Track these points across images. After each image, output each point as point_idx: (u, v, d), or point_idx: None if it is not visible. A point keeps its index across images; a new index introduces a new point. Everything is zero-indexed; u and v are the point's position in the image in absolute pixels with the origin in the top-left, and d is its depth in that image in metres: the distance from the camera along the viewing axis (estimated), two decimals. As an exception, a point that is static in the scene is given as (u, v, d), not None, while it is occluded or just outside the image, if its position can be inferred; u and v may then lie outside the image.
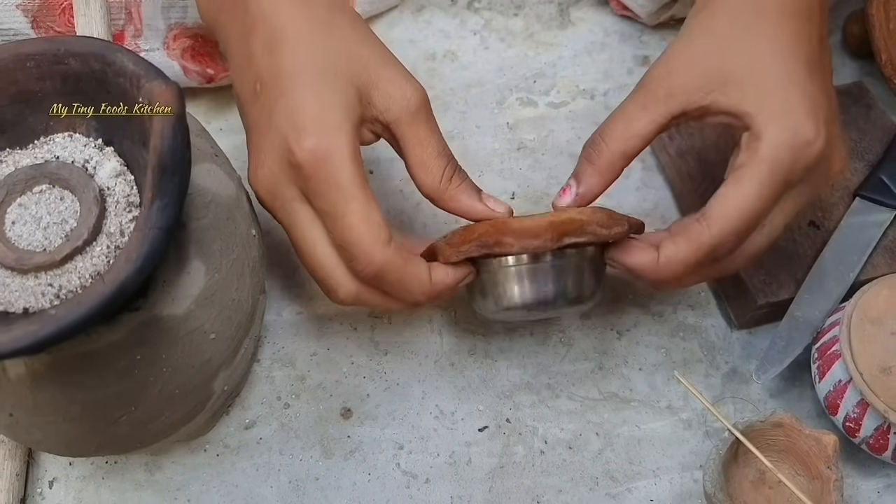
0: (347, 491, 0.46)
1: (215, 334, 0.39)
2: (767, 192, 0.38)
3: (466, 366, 0.50)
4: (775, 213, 0.40)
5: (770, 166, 0.38)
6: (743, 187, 0.38)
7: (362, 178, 0.38)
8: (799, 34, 0.40)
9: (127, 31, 0.54)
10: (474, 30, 0.63)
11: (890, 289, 0.44)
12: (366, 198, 0.38)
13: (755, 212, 0.38)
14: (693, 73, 0.40)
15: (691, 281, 0.43)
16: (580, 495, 0.46)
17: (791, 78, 0.39)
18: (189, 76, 0.56)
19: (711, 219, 0.39)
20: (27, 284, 0.34)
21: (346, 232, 0.38)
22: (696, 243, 0.39)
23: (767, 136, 0.38)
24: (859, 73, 0.62)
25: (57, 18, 0.52)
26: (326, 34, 0.39)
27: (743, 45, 0.40)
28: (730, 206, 0.38)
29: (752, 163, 0.38)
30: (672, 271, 0.40)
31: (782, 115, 0.38)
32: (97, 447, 0.40)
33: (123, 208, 0.36)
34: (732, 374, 0.50)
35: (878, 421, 0.43)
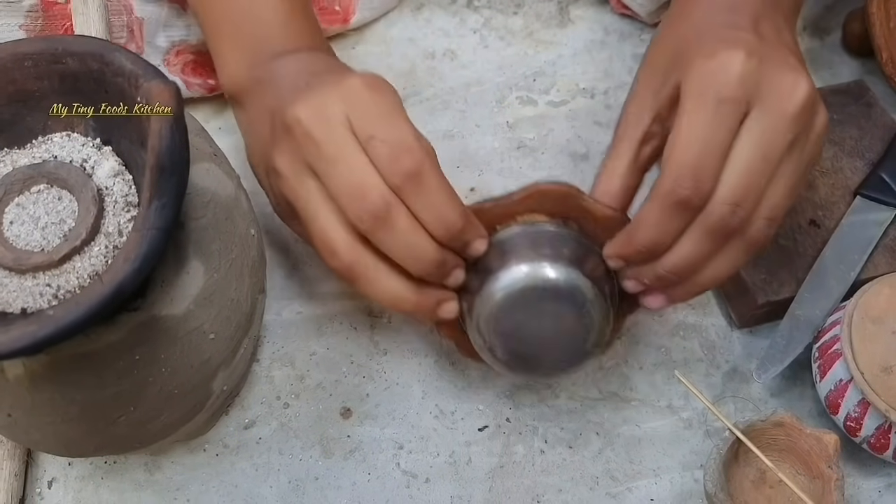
0: (347, 491, 0.46)
1: (214, 334, 0.39)
2: (699, 117, 0.37)
3: (467, 365, 0.50)
4: (741, 141, 0.37)
5: (692, 95, 0.37)
6: (676, 125, 0.37)
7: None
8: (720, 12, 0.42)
9: (128, 48, 0.54)
10: (474, 28, 0.63)
11: (891, 288, 0.44)
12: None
13: (694, 140, 0.37)
14: (640, 95, 0.42)
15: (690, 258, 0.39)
16: (580, 495, 0.46)
17: (707, 35, 0.40)
18: (191, 89, 0.57)
19: (662, 165, 0.38)
20: (25, 285, 0.34)
21: (395, 128, 0.38)
22: (655, 191, 0.38)
23: (687, 76, 0.38)
24: (860, 72, 0.62)
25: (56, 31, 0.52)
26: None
27: (687, 32, 0.42)
28: (671, 145, 0.37)
29: (680, 103, 0.38)
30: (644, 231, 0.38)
31: (697, 55, 0.38)
32: (96, 447, 0.40)
33: (122, 208, 0.36)
34: (733, 374, 0.50)
35: (879, 420, 0.43)
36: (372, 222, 0.38)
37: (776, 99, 0.37)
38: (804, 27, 0.64)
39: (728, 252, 0.39)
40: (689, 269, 0.39)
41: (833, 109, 0.56)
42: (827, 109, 0.55)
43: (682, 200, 0.37)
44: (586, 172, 0.57)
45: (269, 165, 0.42)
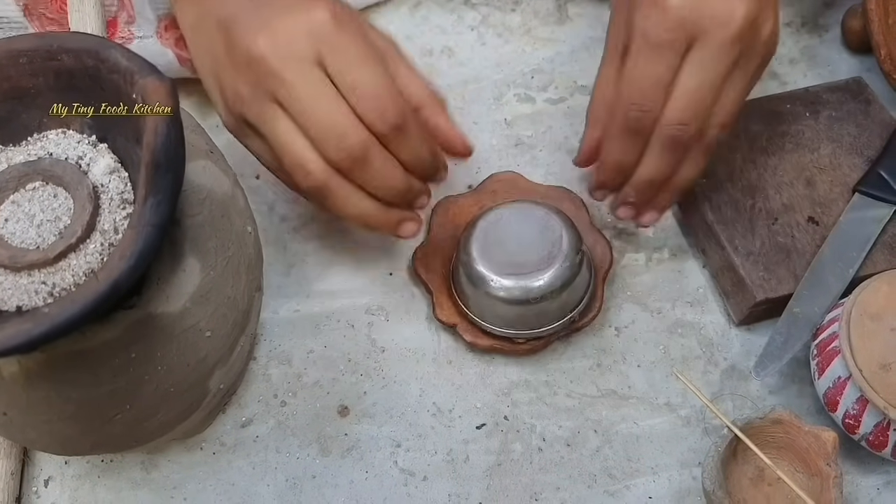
0: (345, 489, 0.46)
1: (211, 332, 0.39)
2: (639, 59, 0.42)
3: (464, 363, 0.50)
4: (682, 74, 0.42)
5: (636, 36, 0.42)
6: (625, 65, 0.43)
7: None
8: None
9: (120, 17, 0.53)
10: (471, 25, 0.63)
11: (889, 285, 0.44)
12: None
13: (636, 78, 0.42)
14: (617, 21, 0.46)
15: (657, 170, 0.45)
16: (578, 493, 0.46)
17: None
18: (183, 64, 0.56)
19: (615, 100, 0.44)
20: (20, 282, 0.34)
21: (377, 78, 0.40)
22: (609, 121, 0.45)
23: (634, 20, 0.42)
24: (858, 69, 0.61)
25: (49, 5, 0.51)
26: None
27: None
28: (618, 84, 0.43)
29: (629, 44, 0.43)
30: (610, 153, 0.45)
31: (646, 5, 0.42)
32: (92, 446, 0.39)
33: (117, 205, 0.35)
34: (731, 371, 0.50)
35: (877, 417, 0.43)
36: (349, 163, 0.40)
37: (714, 29, 0.41)
38: (803, 24, 0.64)
39: (690, 158, 0.45)
40: (659, 178, 0.46)
41: (831, 107, 0.56)
42: (825, 106, 0.56)
43: (632, 125, 0.43)
44: (584, 169, 0.57)
45: (226, 86, 0.42)
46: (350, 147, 0.40)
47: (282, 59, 0.39)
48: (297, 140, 0.41)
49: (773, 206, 0.51)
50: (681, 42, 0.41)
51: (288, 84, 0.39)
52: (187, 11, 0.46)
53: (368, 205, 0.43)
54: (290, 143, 0.41)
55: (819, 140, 0.54)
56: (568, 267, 0.46)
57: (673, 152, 0.44)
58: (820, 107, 0.56)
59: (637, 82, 0.42)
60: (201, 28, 0.45)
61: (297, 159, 0.41)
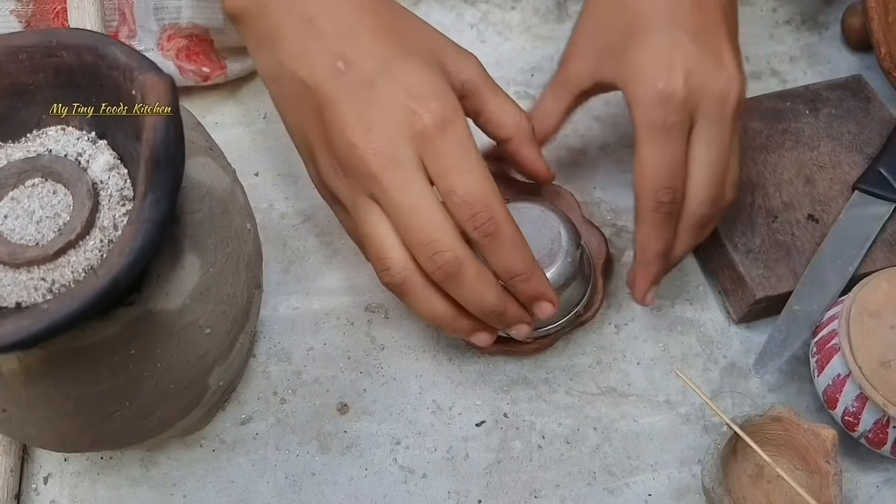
0: (344, 486, 0.46)
1: (210, 329, 0.39)
2: (655, 145, 0.42)
3: (464, 361, 0.50)
4: (696, 151, 0.43)
5: (643, 126, 0.42)
6: (638, 153, 0.43)
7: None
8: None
9: (121, 31, 0.54)
10: (471, 23, 0.63)
11: (889, 282, 0.44)
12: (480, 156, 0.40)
13: (657, 164, 0.43)
14: (581, 56, 0.47)
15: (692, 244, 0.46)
16: (578, 490, 0.46)
17: (645, 38, 0.43)
18: (185, 76, 0.56)
19: (637, 191, 0.44)
20: (20, 279, 0.34)
21: (475, 184, 0.39)
22: (641, 215, 0.44)
23: (633, 100, 0.43)
24: (858, 66, 0.61)
25: (51, 23, 0.51)
26: (390, 13, 0.42)
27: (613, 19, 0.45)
28: (640, 173, 0.43)
29: (636, 130, 0.43)
30: (651, 249, 0.45)
31: (640, 77, 0.43)
32: (91, 443, 0.39)
33: (117, 202, 0.35)
34: (731, 369, 0.50)
35: (877, 415, 0.43)
36: (442, 275, 0.39)
37: (716, 106, 0.42)
38: (803, 21, 0.64)
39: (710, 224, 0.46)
40: (688, 253, 0.47)
41: (831, 104, 0.56)
42: (825, 104, 0.56)
43: (666, 211, 0.43)
44: (582, 166, 0.57)
45: (321, 164, 0.41)
46: (445, 262, 0.39)
47: (382, 164, 0.38)
48: (386, 236, 0.40)
49: (773, 203, 0.51)
50: (686, 122, 0.42)
51: (386, 188, 0.38)
52: (266, 59, 0.43)
53: (445, 309, 0.41)
54: (376, 236, 0.40)
55: (819, 138, 0.54)
56: (570, 263, 0.46)
57: (704, 227, 0.45)
58: (820, 104, 0.56)
59: (660, 167, 0.42)
60: (283, 84, 0.42)
61: (380, 253, 0.40)
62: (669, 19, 0.43)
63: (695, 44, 0.42)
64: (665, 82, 0.42)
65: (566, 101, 0.48)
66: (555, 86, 0.49)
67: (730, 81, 0.43)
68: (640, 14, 0.43)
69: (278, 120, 0.45)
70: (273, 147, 0.57)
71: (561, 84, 0.48)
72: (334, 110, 0.39)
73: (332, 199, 0.44)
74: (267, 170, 0.56)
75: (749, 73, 0.61)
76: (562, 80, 0.48)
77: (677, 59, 0.42)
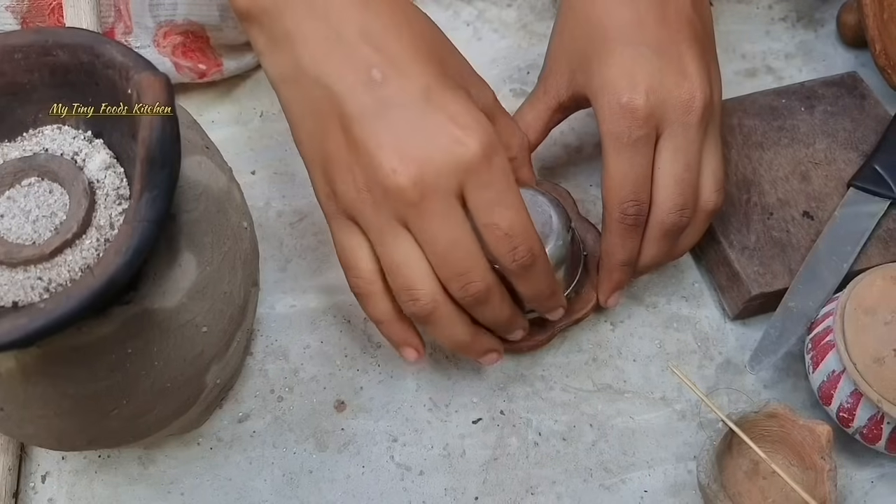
0: (341, 483, 0.46)
1: (207, 327, 0.39)
2: (622, 154, 0.43)
3: (460, 358, 0.50)
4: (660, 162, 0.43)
5: (609, 139, 0.43)
6: (605, 166, 0.44)
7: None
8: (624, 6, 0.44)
9: (117, 28, 0.53)
10: (467, 21, 0.63)
11: (883, 279, 0.44)
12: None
13: (625, 172, 0.43)
14: (556, 70, 0.48)
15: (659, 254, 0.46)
16: (574, 487, 0.46)
17: (609, 52, 0.44)
18: (181, 72, 0.56)
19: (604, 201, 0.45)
20: (16, 278, 0.34)
21: (518, 219, 0.39)
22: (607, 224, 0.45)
23: (599, 114, 0.44)
24: (853, 64, 0.62)
25: (46, 19, 0.51)
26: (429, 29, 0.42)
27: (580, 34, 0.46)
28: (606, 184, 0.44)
29: (602, 142, 0.44)
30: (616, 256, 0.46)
31: (604, 91, 0.43)
32: (89, 441, 0.40)
33: (113, 201, 0.35)
34: (726, 365, 0.50)
35: (871, 411, 0.43)
36: (471, 301, 0.40)
37: (680, 116, 0.43)
38: (798, 18, 0.64)
39: (694, 228, 0.46)
40: (660, 262, 0.47)
41: (827, 101, 0.56)
42: (821, 101, 0.56)
43: (630, 223, 0.44)
44: (579, 164, 0.57)
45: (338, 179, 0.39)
46: (476, 292, 0.40)
47: (424, 193, 0.37)
48: (418, 266, 0.39)
49: (769, 200, 0.52)
50: (652, 135, 0.43)
51: (426, 219, 0.38)
52: (279, 61, 0.40)
53: (467, 333, 0.43)
54: (408, 265, 0.39)
55: (814, 135, 0.54)
56: (560, 245, 0.46)
57: (673, 236, 0.45)
58: (815, 101, 0.56)
59: (625, 180, 0.43)
60: (297, 87, 0.40)
61: (410, 283, 0.39)
62: (633, 34, 0.43)
63: (657, 57, 0.43)
64: (628, 97, 0.42)
65: (545, 114, 0.49)
66: (534, 100, 0.49)
67: (692, 90, 0.43)
68: (604, 29, 0.44)
69: (275, 119, 0.45)
70: (270, 146, 0.57)
71: (540, 98, 0.49)
72: (368, 127, 0.37)
73: (341, 216, 0.41)
74: (263, 168, 0.56)
75: (744, 71, 0.61)
76: (541, 93, 0.49)
77: (640, 74, 0.42)
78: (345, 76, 0.38)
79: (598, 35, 0.44)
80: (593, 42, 0.44)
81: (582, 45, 0.45)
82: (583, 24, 0.45)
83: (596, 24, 0.44)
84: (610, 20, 0.44)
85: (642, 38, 0.43)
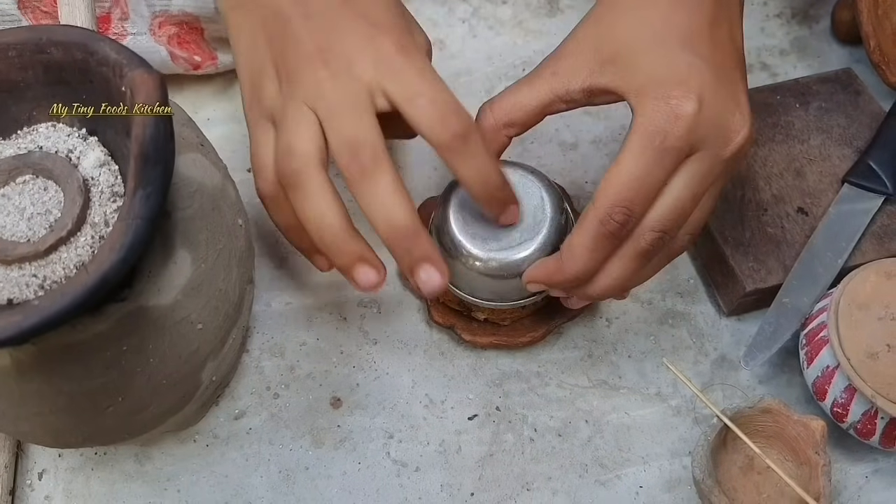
0: (338, 480, 0.46)
1: (202, 324, 0.39)
2: (644, 160, 0.38)
3: (456, 355, 0.50)
4: (676, 182, 0.39)
5: (642, 138, 0.39)
6: (621, 160, 0.39)
7: None
8: (679, 11, 0.41)
9: (113, 13, 0.53)
10: (463, 18, 0.63)
11: (877, 274, 0.44)
12: None
13: (637, 180, 0.39)
14: (577, 56, 0.43)
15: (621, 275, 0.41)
16: (570, 482, 0.46)
17: (662, 55, 0.40)
18: (176, 62, 0.56)
19: (597, 195, 0.39)
20: (11, 275, 0.34)
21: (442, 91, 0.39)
22: (585, 221, 0.40)
23: (639, 112, 0.39)
24: (848, 60, 0.62)
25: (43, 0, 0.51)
26: None
27: (623, 27, 0.42)
28: (611, 179, 0.39)
29: (628, 137, 0.39)
30: (576, 260, 0.40)
31: (651, 91, 0.39)
32: (85, 438, 0.40)
33: (108, 198, 0.35)
34: (721, 361, 0.50)
35: (865, 406, 0.43)
36: (356, 172, 0.37)
37: (717, 145, 0.39)
38: (793, 15, 0.64)
39: (652, 263, 0.42)
40: (619, 287, 0.42)
41: (821, 97, 0.56)
42: (815, 97, 0.56)
43: (613, 232, 0.39)
44: (575, 161, 0.57)
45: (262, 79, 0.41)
46: (365, 160, 0.37)
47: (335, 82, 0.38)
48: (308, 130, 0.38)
49: (763, 196, 0.52)
50: (684, 152, 0.39)
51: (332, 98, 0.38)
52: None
53: (336, 214, 0.39)
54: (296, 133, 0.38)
55: (809, 131, 0.54)
56: (555, 231, 0.44)
57: (644, 259, 0.41)
58: (810, 98, 0.56)
59: (632, 182, 0.38)
60: (243, 11, 0.42)
61: (291, 145, 0.38)
62: (688, 41, 0.40)
63: (713, 76, 0.39)
64: (678, 101, 0.38)
65: (547, 97, 0.43)
66: (536, 80, 0.43)
67: (742, 124, 0.40)
68: (657, 28, 0.41)
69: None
70: (265, 143, 0.57)
71: (545, 79, 0.43)
72: (293, 31, 0.40)
73: (263, 120, 0.41)
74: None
75: (739, 67, 0.61)
76: (547, 74, 0.43)
77: (694, 83, 0.39)
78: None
79: (647, 32, 0.41)
80: (640, 37, 0.41)
81: (624, 36, 0.41)
82: (628, 17, 0.42)
83: (645, 20, 0.41)
84: (663, 21, 0.41)
85: (697, 50, 0.40)
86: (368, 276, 0.40)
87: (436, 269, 0.39)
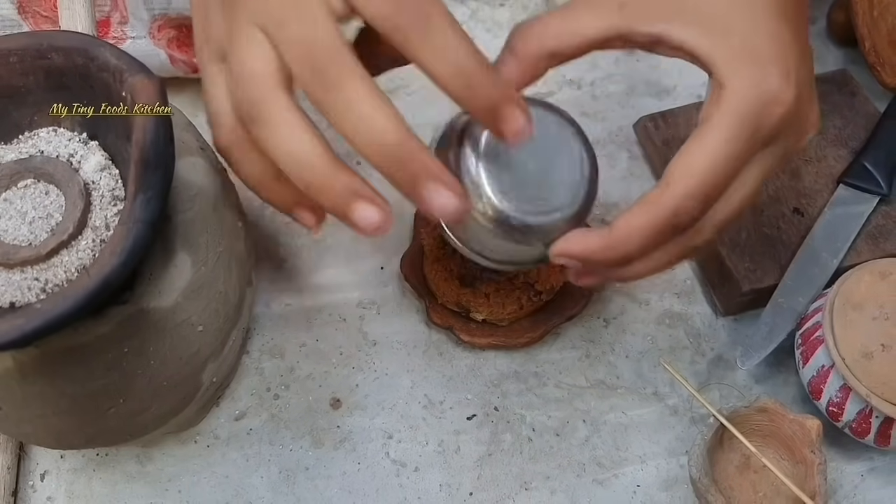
0: (337, 480, 0.47)
1: (203, 326, 0.39)
2: (734, 149, 0.33)
3: (454, 355, 0.50)
4: (745, 175, 0.34)
5: (736, 121, 0.33)
6: (707, 143, 0.33)
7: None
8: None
9: (113, 17, 0.54)
10: (461, 20, 0.63)
11: (871, 275, 0.45)
12: None
13: (721, 170, 0.33)
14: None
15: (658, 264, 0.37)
16: (567, 481, 0.47)
17: (759, 20, 0.34)
18: (175, 65, 0.56)
19: (672, 178, 0.33)
20: (13, 279, 0.34)
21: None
22: (654, 206, 0.33)
23: (732, 87, 0.33)
24: (843, 61, 0.62)
25: (42, 3, 0.52)
26: None
27: None
28: (693, 164, 0.33)
29: (716, 116, 0.33)
30: (629, 244, 0.34)
31: (747, 64, 0.33)
32: (87, 440, 0.40)
33: (109, 202, 0.36)
34: (718, 361, 0.50)
35: (860, 405, 0.44)
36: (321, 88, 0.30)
37: (794, 138, 0.35)
38: (789, 17, 0.65)
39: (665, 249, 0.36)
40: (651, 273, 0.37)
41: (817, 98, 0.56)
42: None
43: (683, 224, 0.34)
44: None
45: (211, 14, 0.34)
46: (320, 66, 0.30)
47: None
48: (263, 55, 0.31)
49: (760, 197, 0.52)
50: (768, 142, 0.34)
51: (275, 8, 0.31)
52: None
53: (311, 142, 0.31)
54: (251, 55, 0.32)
55: (804, 132, 0.55)
56: (590, 194, 0.37)
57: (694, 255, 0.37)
58: (805, 99, 0.56)
59: (714, 172, 0.33)
60: None
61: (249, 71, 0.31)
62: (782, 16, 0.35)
63: (801, 55, 0.34)
64: (779, 86, 0.33)
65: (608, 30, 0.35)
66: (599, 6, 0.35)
67: (816, 123, 0.36)
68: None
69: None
70: (265, 145, 0.57)
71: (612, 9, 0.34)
72: None
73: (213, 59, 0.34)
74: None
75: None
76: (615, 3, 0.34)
77: (792, 62, 0.33)
78: None
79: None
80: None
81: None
82: None
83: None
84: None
85: (790, 21, 0.34)
86: (369, 213, 0.31)
87: (444, 186, 0.31)
